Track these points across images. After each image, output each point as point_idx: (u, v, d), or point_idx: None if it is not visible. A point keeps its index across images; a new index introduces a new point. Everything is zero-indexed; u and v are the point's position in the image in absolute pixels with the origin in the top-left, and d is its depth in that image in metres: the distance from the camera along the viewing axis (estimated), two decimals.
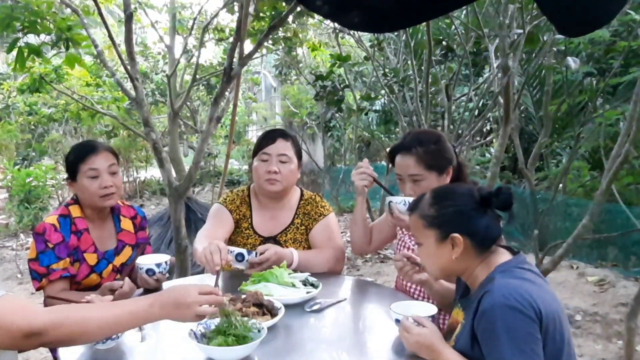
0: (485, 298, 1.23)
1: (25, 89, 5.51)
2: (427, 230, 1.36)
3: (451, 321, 1.45)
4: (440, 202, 1.36)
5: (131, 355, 1.42)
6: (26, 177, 7.48)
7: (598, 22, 1.38)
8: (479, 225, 1.32)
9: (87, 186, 1.90)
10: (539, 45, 3.40)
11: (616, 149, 2.87)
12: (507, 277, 1.26)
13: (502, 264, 1.32)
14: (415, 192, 1.79)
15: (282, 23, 3.75)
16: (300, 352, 1.42)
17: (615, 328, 3.68)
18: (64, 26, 2.99)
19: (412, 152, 1.79)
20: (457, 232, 1.31)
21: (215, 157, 10.93)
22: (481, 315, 1.22)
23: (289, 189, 2.12)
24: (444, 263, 1.36)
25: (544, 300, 1.21)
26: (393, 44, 5.41)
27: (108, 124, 9.08)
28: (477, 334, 1.24)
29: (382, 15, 1.42)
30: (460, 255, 1.32)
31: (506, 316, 1.18)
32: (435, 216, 1.35)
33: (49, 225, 1.89)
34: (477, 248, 1.33)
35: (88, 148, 1.95)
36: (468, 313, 1.32)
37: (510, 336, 1.17)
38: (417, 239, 1.42)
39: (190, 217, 4.96)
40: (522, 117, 5.92)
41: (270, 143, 2.06)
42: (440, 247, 1.34)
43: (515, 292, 1.20)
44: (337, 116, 7.92)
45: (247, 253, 1.88)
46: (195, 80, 4.83)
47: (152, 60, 8.57)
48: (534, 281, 1.27)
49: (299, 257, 1.97)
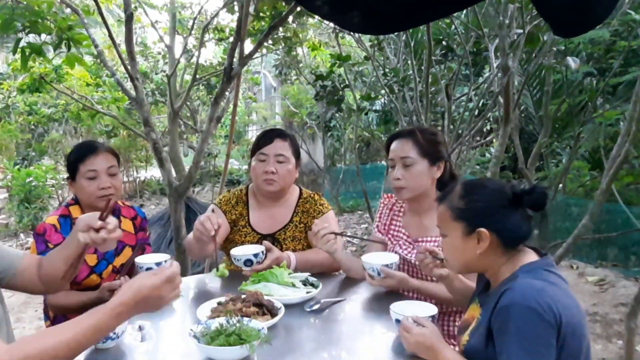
0: (506, 295, 1.21)
1: (25, 88, 5.51)
2: (453, 223, 1.34)
3: (466, 316, 1.43)
4: (470, 195, 1.33)
5: (131, 355, 1.42)
6: (26, 177, 7.49)
7: (592, 22, 1.38)
8: (508, 223, 1.29)
9: (86, 187, 1.90)
10: (539, 45, 3.40)
11: (616, 149, 2.88)
12: (531, 277, 1.24)
13: (527, 264, 1.29)
14: (404, 177, 1.85)
15: (282, 23, 3.75)
16: (300, 352, 1.42)
17: (615, 328, 3.68)
18: (65, 26, 2.99)
19: (410, 137, 1.87)
20: (485, 227, 1.29)
21: (215, 157, 10.94)
22: (498, 312, 1.20)
23: (286, 189, 2.13)
24: (467, 257, 1.34)
25: (565, 307, 1.18)
26: (393, 44, 5.41)
27: (108, 124, 9.09)
28: (493, 331, 1.22)
29: (382, 16, 1.42)
30: (485, 251, 1.30)
31: (522, 316, 1.15)
32: (464, 209, 1.32)
33: (49, 225, 1.89)
34: (503, 245, 1.30)
35: (88, 149, 1.95)
36: (486, 309, 1.30)
37: (521, 336, 1.15)
38: (442, 230, 1.39)
39: (190, 217, 4.96)
40: (522, 116, 5.92)
41: (267, 143, 2.06)
42: (466, 240, 1.32)
43: (536, 294, 1.17)
44: (337, 116, 7.94)
45: (253, 257, 1.87)
46: (196, 80, 4.83)
47: (152, 60, 8.57)
48: (559, 285, 1.24)
49: (297, 259, 1.97)
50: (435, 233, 1.86)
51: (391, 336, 1.49)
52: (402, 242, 1.95)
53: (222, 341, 1.31)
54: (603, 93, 4.58)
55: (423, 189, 1.87)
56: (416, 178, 1.85)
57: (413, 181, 1.85)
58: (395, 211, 2.05)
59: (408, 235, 1.95)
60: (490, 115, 5.35)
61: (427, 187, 1.88)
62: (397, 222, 2.02)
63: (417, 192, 1.87)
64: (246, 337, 1.31)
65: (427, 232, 1.89)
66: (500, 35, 3.21)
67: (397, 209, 2.05)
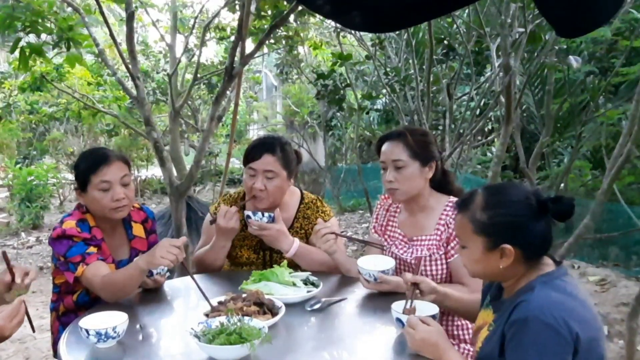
0: (522, 306, 1.17)
1: (27, 87, 5.52)
2: (474, 236, 1.27)
3: (479, 322, 1.40)
4: (493, 209, 1.25)
5: (131, 354, 1.42)
6: (27, 176, 7.49)
7: (596, 23, 1.37)
8: (533, 237, 1.23)
9: (99, 199, 1.81)
10: (540, 44, 3.39)
11: (618, 148, 2.87)
12: (548, 288, 1.19)
13: (544, 275, 1.25)
14: (396, 179, 1.84)
15: (283, 22, 3.75)
16: (300, 351, 1.42)
17: (617, 328, 3.67)
18: (65, 26, 2.99)
19: (400, 139, 1.86)
20: (509, 244, 1.22)
21: (216, 156, 10.93)
22: (513, 324, 1.17)
23: (277, 202, 2.08)
24: (488, 270, 1.29)
25: (583, 321, 1.15)
26: (394, 43, 5.40)
27: (109, 123, 9.08)
28: (505, 340, 1.19)
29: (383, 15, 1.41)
30: (508, 265, 1.24)
31: (539, 331, 1.12)
32: (487, 224, 1.25)
33: (69, 229, 1.80)
34: (527, 259, 1.25)
35: (100, 158, 1.84)
36: (500, 317, 1.26)
37: (536, 351, 1.12)
38: (461, 242, 1.33)
39: (191, 216, 4.96)
40: (524, 116, 5.91)
41: (256, 158, 2.01)
42: (487, 255, 1.26)
43: (553, 308, 1.14)
44: (338, 115, 7.93)
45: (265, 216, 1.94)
46: (197, 79, 4.83)
47: (154, 59, 8.58)
48: (576, 297, 1.20)
49: (300, 245, 1.96)
50: (430, 232, 1.87)
51: (392, 335, 1.48)
52: (398, 242, 1.95)
53: (222, 340, 1.31)
54: (605, 92, 4.56)
55: (416, 191, 1.88)
56: (408, 180, 1.85)
57: (405, 184, 1.85)
58: (392, 212, 2.05)
59: (404, 235, 1.95)
60: (491, 115, 5.34)
61: (420, 188, 1.88)
62: (393, 223, 2.02)
63: (411, 195, 1.88)
64: (247, 336, 1.31)
65: (422, 231, 1.90)
66: (502, 34, 3.20)
67: (393, 210, 2.05)
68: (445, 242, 1.83)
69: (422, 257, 1.81)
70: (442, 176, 1.94)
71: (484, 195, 1.28)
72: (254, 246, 2.13)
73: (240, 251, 2.14)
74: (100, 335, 1.39)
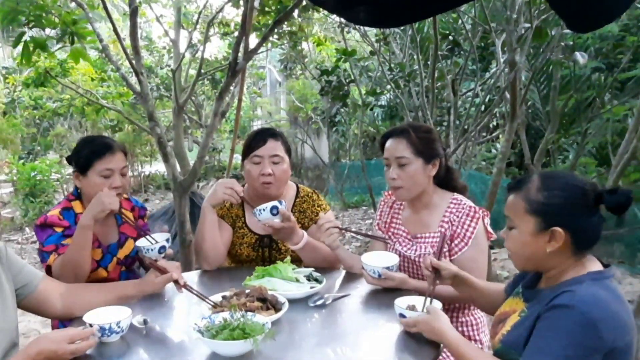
0: (567, 295, 1.16)
1: (31, 83, 5.52)
2: (527, 216, 1.25)
3: (505, 309, 1.39)
4: (550, 189, 1.23)
5: (135, 348, 1.42)
6: (31, 171, 7.52)
7: (607, 17, 1.36)
8: (586, 224, 1.22)
9: (98, 184, 1.88)
10: (546, 40, 3.36)
11: (624, 145, 2.85)
12: (597, 286, 1.18)
13: (595, 272, 1.23)
14: (400, 176, 1.83)
15: (287, 17, 3.74)
16: (304, 347, 1.41)
17: None
18: (69, 20, 2.98)
19: (404, 136, 1.85)
20: (561, 226, 1.21)
21: (219, 152, 10.95)
22: (554, 307, 1.15)
23: (282, 190, 2.10)
24: (533, 254, 1.26)
25: (622, 326, 1.14)
26: (399, 39, 5.38)
27: (113, 119, 9.10)
28: (537, 323, 1.18)
29: (388, 10, 1.40)
30: (554, 250, 1.23)
31: (577, 322, 1.10)
32: (542, 203, 1.23)
33: (51, 216, 1.89)
34: (575, 248, 1.23)
35: (105, 146, 1.91)
36: (536, 304, 1.25)
37: (569, 342, 1.10)
38: (510, 222, 1.31)
39: (194, 211, 4.95)
40: (529, 112, 5.87)
41: (260, 145, 2.02)
42: (537, 237, 1.24)
43: (600, 306, 1.12)
44: (342, 111, 7.91)
45: (279, 204, 1.89)
46: (200, 74, 4.82)
47: (157, 54, 8.58)
48: (623, 301, 1.18)
49: (308, 240, 1.96)
50: (434, 229, 1.86)
51: (395, 331, 1.48)
52: (402, 239, 1.94)
53: (226, 335, 1.31)
54: (611, 89, 4.53)
55: (420, 188, 1.86)
56: (412, 178, 1.83)
57: (409, 181, 1.84)
58: (395, 209, 2.04)
59: (407, 232, 1.94)
60: (496, 111, 5.32)
61: (423, 185, 1.87)
62: (397, 220, 2.01)
63: (415, 193, 1.86)
64: (250, 331, 1.31)
65: (426, 228, 1.89)
66: (507, 30, 3.18)
67: (397, 207, 2.04)
68: (449, 239, 1.82)
69: (446, 234, 1.78)
70: (446, 173, 1.92)
71: (542, 178, 1.27)
72: (253, 244, 2.14)
73: (240, 249, 2.14)
74: (104, 330, 1.39)
